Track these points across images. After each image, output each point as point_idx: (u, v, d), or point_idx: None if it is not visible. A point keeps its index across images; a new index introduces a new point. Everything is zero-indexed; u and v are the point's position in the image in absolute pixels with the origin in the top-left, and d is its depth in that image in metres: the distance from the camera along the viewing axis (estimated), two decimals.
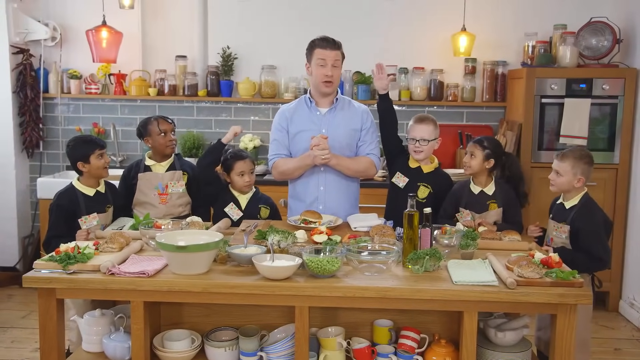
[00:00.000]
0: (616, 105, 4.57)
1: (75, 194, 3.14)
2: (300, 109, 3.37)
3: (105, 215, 3.20)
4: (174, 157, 3.51)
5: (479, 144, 3.24)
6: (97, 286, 2.35)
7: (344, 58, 3.31)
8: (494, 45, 5.08)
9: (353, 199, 3.47)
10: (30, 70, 5.09)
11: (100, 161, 3.15)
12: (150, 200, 3.40)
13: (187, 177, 3.49)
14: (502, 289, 2.28)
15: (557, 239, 2.98)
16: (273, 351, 2.48)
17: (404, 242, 2.54)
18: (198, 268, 2.39)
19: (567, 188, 2.98)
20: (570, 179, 2.95)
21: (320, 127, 3.31)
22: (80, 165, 3.14)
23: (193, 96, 5.14)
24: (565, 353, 2.32)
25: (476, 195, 3.24)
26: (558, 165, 2.98)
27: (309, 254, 2.39)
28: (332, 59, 3.19)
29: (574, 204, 2.97)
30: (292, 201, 3.48)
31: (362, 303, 2.34)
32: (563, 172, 2.95)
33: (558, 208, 3.05)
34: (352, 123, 3.35)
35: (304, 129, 3.32)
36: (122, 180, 3.50)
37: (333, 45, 3.20)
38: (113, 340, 2.53)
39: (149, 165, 3.46)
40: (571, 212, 2.96)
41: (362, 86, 5.06)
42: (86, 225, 3.06)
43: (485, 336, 2.55)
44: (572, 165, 2.93)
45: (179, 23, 5.20)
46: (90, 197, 3.16)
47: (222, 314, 2.66)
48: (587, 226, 2.89)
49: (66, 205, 3.09)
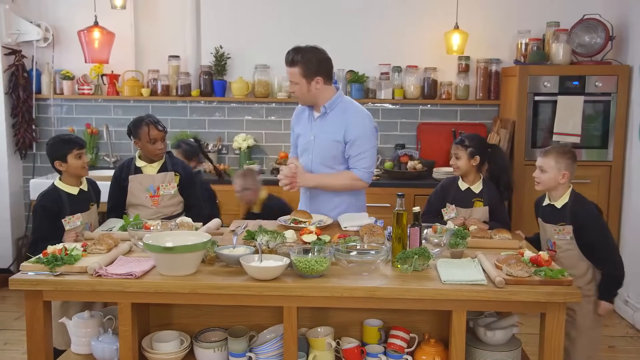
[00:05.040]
0: (609, 103, 4.57)
1: (59, 193, 3.08)
2: (306, 109, 3.33)
3: (89, 213, 3.16)
4: (166, 157, 3.48)
5: (461, 145, 3.25)
6: (84, 288, 2.33)
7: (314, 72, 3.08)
8: (487, 43, 5.08)
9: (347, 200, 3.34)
10: (23, 71, 5.09)
11: (79, 161, 3.09)
12: (142, 202, 3.38)
13: (179, 177, 3.47)
14: (491, 288, 2.27)
15: (561, 241, 2.91)
16: (262, 352, 2.48)
17: (393, 241, 2.53)
18: (186, 269, 2.37)
19: (552, 185, 2.94)
20: (554, 174, 2.91)
21: (312, 133, 3.26)
22: (57, 164, 3.08)
23: (186, 96, 5.13)
24: (555, 351, 2.31)
25: (463, 191, 3.26)
26: (542, 162, 2.96)
27: (297, 254, 2.38)
28: (289, 75, 3.14)
29: (565, 202, 2.93)
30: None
31: (351, 303, 2.33)
32: (547, 168, 2.93)
33: (548, 210, 3.00)
34: (334, 134, 3.17)
35: (301, 133, 3.33)
36: (114, 180, 3.46)
37: (288, 62, 3.10)
38: (101, 342, 2.52)
39: (139, 167, 3.42)
40: (565, 210, 2.92)
41: (356, 85, 5.05)
42: (69, 225, 3.02)
43: (475, 335, 2.55)
44: (555, 160, 2.90)
45: (171, 23, 5.19)
46: (74, 196, 3.11)
47: (211, 315, 2.65)
48: (589, 221, 2.87)
49: (50, 205, 3.04)
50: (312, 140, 3.23)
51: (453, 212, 3.21)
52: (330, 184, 3.23)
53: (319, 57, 3.11)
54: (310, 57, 3.08)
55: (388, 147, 5.18)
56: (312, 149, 3.24)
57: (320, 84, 3.12)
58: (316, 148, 3.22)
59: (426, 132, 5.17)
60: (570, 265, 2.83)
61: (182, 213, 3.46)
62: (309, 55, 3.08)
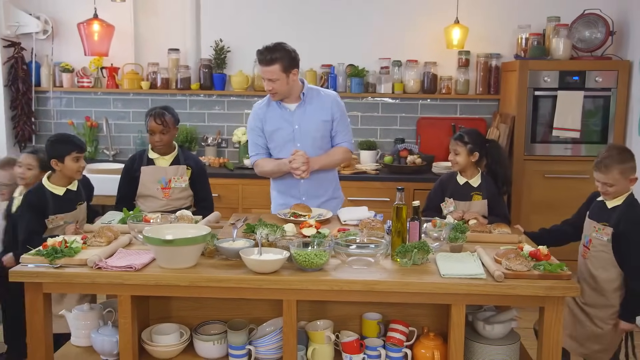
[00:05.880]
0: (609, 98, 4.56)
1: (44, 192, 3.03)
2: (272, 107, 3.38)
3: (76, 212, 3.12)
4: (178, 150, 3.51)
5: (460, 141, 3.24)
6: (83, 280, 2.34)
7: (291, 65, 3.20)
8: (488, 37, 5.06)
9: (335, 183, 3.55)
10: (22, 64, 5.07)
11: (75, 164, 3.05)
12: (153, 194, 3.42)
13: (191, 171, 3.48)
14: (490, 282, 2.28)
15: (597, 241, 2.80)
16: (261, 345, 2.49)
17: (393, 235, 2.54)
18: (185, 262, 2.38)
19: (623, 193, 2.79)
20: (624, 185, 2.76)
21: (293, 124, 3.32)
22: (54, 162, 3.03)
23: (186, 89, 5.12)
24: (553, 345, 2.32)
25: (462, 185, 3.27)
26: (605, 178, 2.76)
27: (297, 247, 2.39)
28: (267, 74, 3.20)
29: (617, 204, 2.78)
30: (275, 193, 3.53)
31: (350, 296, 2.34)
32: (614, 182, 2.75)
33: (598, 206, 2.87)
34: (322, 114, 3.34)
35: (279, 127, 3.35)
36: (125, 172, 3.48)
37: (266, 62, 3.17)
38: (101, 335, 2.53)
39: (152, 159, 3.45)
40: (613, 212, 2.78)
41: (356, 79, 5.04)
42: (52, 225, 2.99)
43: (474, 329, 2.55)
44: (621, 172, 2.74)
45: (171, 16, 5.17)
46: (60, 196, 3.05)
47: (211, 308, 2.66)
48: (634, 231, 2.71)
49: (35, 202, 3.00)
50: (297, 129, 3.32)
51: (452, 206, 3.21)
52: (332, 161, 3.40)
53: (291, 50, 3.23)
54: (285, 52, 3.19)
55: (388, 141, 5.18)
56: (299, 137, 3.33)
57: (296, 75, 3.26)
58: (304, 135, 3.32)
59: (426, 126, 5.16)
60: (599, 266, 2.78)
61: (191, 207, 3.49)
62: (284, 51, 3.19)
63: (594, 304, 2.82)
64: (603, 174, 2.77)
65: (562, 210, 3.41)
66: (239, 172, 4.82)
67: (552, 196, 4.59)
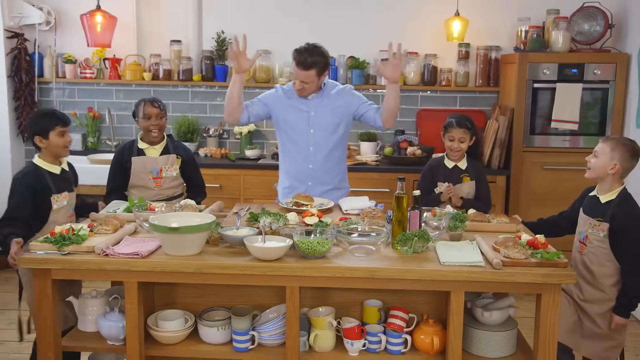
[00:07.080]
0: (607, 90, 4.60)
1: (41, 172, 2.89)
2: (291, 97, 3.49)
3: (73, 194, 3.07)
4: (167, 140, 3.53)
5: (466, 128, 3.37)
6: (91, 267, 2.39)
7: (325, 68, 3.35)
8: (487, 30, 5.10)
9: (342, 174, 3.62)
10: (25, 55, 5.10)
11: (61, 139, 2.90)
12: (144, 184, 3.45)
13: (181, 160, 3.52)
14: (488, 269, 2.33)
15: (593, 237, 2.79)
16: (265, 330, 2.54)
17: (393, 224, 2.58)
18: (191, 249, 2.43)
19: (601, 173, 2.79)
20: (605, 162, 2.76)
21: (309, 110, 3.44)
22: (38, 139, 2.88)
23: (188, 81, 5.15)
24: (550, 332, 2.37)
25: (450, 169, 3.43)
26: (598, 146, 2.82)
27: (300, 236, 2.44)
28: (302, 77, 3.31)
29: (611, 199, 2.78)
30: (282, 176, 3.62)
31: (351, 283, 2.39)
32: (600, 153, 2.79)
33: (591, 201, 2.88)
34: (342, 101, 3.47)
35: (291, 113, 3.47)
36: (116, 162, 3.49)
37: (305, 66, 3.27)
38: (108, 320, 2.58)
39: (142, 149, 3.47)
40: (607, 207, 2.77)
41: (356, 71, 5.08)
42: (57, 204, 2.90)
43: (472, 316, 2.61)
44: (611, 148, 2.76)
45: (173, 7, 5.20)
46: (57, 175, 2.94)
47: (215, 295, 2.71)
48: (629, 225, 2.72)
49: (33, 183, 2.84)
50: (313, 115, 3.45)
51: (443, 186, 3.37)
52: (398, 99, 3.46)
53: (327, 55, 3.36)
54: (322, 58, 3.32)
55: (388, 132, 5.21)
56: (315, 122, 3.45)
57: (325, 76, 3.42)
58: (319, 120, 3.45)
59: (426, 118, 5.20)
60: (597, 262, 2.78)
61: (182, 194, 3.55)
62: (322, 56, 3.32)
63: (593, 299, 2.81)
64: (600, 142, 2.84)
65: (561, 202, 3.46)
66: (241, 163, 4.87)
67: (551, 188, 4.65)
